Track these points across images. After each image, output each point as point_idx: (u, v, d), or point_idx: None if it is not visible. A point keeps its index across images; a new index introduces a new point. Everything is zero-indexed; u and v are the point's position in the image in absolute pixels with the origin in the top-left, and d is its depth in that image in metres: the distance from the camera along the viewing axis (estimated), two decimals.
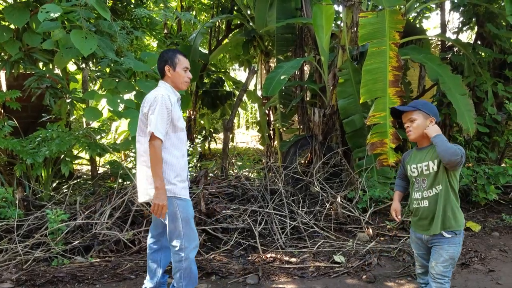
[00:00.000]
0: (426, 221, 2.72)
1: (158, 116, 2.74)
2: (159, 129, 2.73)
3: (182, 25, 8.73)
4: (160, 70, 2.98)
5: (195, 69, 6.87)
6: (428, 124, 2.69)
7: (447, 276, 2.68)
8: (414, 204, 2.81)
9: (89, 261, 3.92)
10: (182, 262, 2.88)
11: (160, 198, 2.72)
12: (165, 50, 3.11)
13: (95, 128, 5.44)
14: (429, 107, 2.73)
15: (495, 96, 6.03)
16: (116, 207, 4.48)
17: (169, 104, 2.80)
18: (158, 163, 2.73)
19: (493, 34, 6.13)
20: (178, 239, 2.87)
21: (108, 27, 4.32)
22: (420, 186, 2.74)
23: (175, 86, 2.99)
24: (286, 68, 5.57)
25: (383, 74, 4.70)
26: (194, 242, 2.93)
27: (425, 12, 7.99)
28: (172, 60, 2.92)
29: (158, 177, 2.72)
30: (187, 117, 8.75)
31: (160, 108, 2.75)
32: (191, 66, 6.61)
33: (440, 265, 2.66)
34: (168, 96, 2.82)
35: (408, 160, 2.86)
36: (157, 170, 2.72)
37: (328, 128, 5.84)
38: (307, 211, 4.94)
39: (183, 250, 2.87)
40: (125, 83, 4.46)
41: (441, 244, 2.67)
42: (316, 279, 3.67)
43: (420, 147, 2.78)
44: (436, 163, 2.64)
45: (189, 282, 2.93)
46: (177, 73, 2.94)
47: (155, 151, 2.73)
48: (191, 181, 5.17)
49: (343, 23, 5.58)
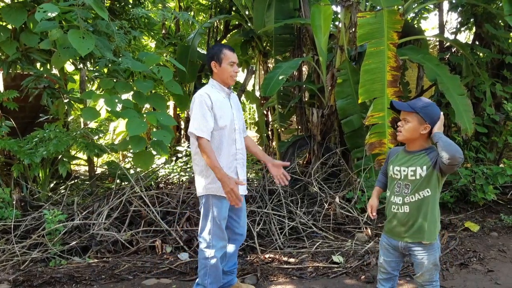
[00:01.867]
0: (404, 227, 2.57)
1: (198, 116, 2.82)
2: (201, 129, 2.80)
3: (180, 25, 8.72)
4: (208, 67, 3.04)
5: (193, 70, 6.87)
6: (421, 131, 2.50)
7: (435, 280, 2.63)
8: (393, 209, 2.63)
9: (86, 262, 3.92)
10: (209, 260, 2.93)
11: (227, 185, 2.73)
12: (211, 46, 3.17)
13: (93, 128, 5.43)
14: (428, 113, 2.50)
15: (493, 97, 6.02)
16: (114, 207, 4.47)
17: (209, 102, 2.85)
18: (210, 156, 2.77)
19: (491, 34, 6.12)
20: (207, 237, 2.93)
21: (106, 27, 4.31)
22: (402, 190, 2.57)
23: (223, 82, 3.02)
24: (284, 68, 5.56)
25: (382, 74, 4.69)
26: (222, 242, 2.97)
27: (423, 13, 7.98)
28: (218, 55, 2.96)
29: (216, 168, 2.76)
30: (185, 117, 8.74)
31: (198, 107, 2.83)
32: (189, 66, 6.69)
33: (426, 274, 2.60)
34: (207, 95, 2.87)
35: (393, 159, 2.68)
36: (212, 162, 2.76)
37: (326, 128, 5.84)
38: (305, 211, 4.93)
39: (210, 247, 2.92)
40: (122, 83, 4.45)
41: (421, 254, 2.57)
42: (314, 279, 3.66)
43: (409, 150, 2.60)
44: (425, 169, 2.48)
45: (213, 280, 2.97)
46: (223, 68, 2.97)
47: (203, 148, 2.79)
48: (189, 182, 5.17)
49: (341, 23, 5.57)
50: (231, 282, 3.29)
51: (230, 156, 2.99)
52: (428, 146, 2.56)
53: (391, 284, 2.84)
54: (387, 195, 2.71)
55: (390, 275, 2.79)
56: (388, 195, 2.70)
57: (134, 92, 4.59)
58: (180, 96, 6.58)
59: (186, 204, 4.57)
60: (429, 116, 2.48)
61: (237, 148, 3.04)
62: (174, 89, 4.55)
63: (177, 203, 4.55)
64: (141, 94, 4.49)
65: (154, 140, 4.32)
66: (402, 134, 2.55)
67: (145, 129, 4.00)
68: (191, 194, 4.68)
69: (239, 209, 3.12)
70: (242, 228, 3.23)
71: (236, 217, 3.17)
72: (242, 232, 3.25)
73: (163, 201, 4.64)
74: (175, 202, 4.57)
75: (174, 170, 5.92)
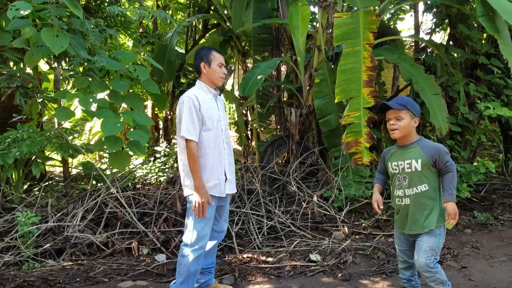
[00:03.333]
0: (406, 219, 2.75)
1: (187, 118, 2.87)
2: (189, 131, 2.86)
3: (158, 24, 8.63)
4: (197, 68, 3.08)
5: (171, 69, 6.81)
6: (413, 124, 2.72)
7: (432, 267, 2.71)
8: (396, 201, 2.82)
9: (61, 265, 3.84)
10: (184, 257, 2.95)
11: (202, 195, 2.84)
12: (200, 48, 3.22)
13: (67, 128, 5.32)
14: (415, 107, 2.75)
15: (467, 96, 6.15)
16: (89, 209, 4.40)
17: (197, 104, 2.90)
18: (195, 163, 2.86)
19: (465, 35, 6.26)
20: (188, 235, 2.95)
21: (81, 25, 4.23)
22: (402, 183, 2.76)
23: (211, 82, 3.07)
24: (262, 68, 5.57)
25: (358, 74, 4.74)
26: (201, 243, 2.96)
27: (399, 14, 8.12)
28: (207, 57, 3.02)
29: (197, 177, 2.86)
30: (163, 117, 8.66)
31: (187, 109, 2.88)
32: (166, 65, 6.63)
33: (421, 257, 2.70)
34: (195, 96, 2.92)
35: (389, 157, 2.86)
36: (195, 170, 2.86)
37: (304, 128, 5.87)
38: (284, 210, 4.95)
39: (188, 246, 2.94)
40: (98, 82, 4.38)
41: (421, 236, 2.73)
42: (292, 278, 3.67)
43: (402, 144, 2.78)
44: (420, 163, 2.66)
45: (185, 279, 2.96)
46: (212, 69, 3.03)
47: (190, 152, 2.86)
48: (167, 182, 5.13)
49: (318, 23, 5.62)
50: (208, 282, 3.28)
51: (218, 157, 3.02)
52: (417, 138, 2.78)
53: (411, 272, 2.98)
54: (391, 190, 2.89)
55: (408, 264, 2.92)
56: (391, 191, 2.89)
57: (110, 91, 4.52)
58: (158, 95, 6.52)
59: (164, 204, 4.53)
60: (416, 110, 2.73)
61: (225, 148, 3.08)
62: (151, 88, 4.50)
63: (154, 204, 4.50)
64: (117, 94, 4.42)
65: (130, 140, 4.26)
66: (400, 131, 2.73)
67: (121, 129, 3.95)
68: (169, 194, 4.64)
69: (223, 207, 3.18)
70: (221, 225, 3.24)
71: (217, 215, 3.19)
72: (221, 229, 3.25)
73: (140, 202, 4.59)
74: (152, 203, 4.52)
75: (152, 170, 5.86)
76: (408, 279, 3.00)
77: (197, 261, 2.96)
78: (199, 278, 3.21)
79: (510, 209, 5.58)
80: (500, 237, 4.63)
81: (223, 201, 3.15)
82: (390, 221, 5.02)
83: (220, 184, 3.01)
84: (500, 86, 6.37)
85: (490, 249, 4.28)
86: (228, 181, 3.07)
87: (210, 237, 3.17)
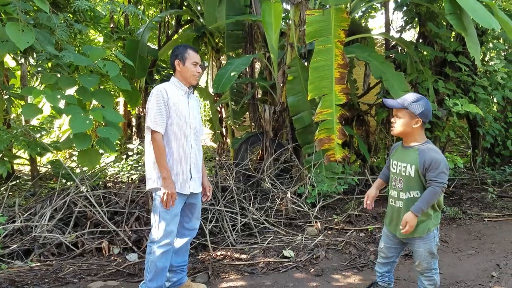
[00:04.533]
0: (397, 221, 2.70)
1: (154, 110, 2.86)
2: (156, 122, 2.85)
3: (129, 19, 8.48)
4: (172, 65, 3.08)
5: (143, 65, 6.71)
6: (413, 125, 2.62)
7: (433, 268, 2.77)
8: (390, 202, 2.78)
9: (28, 265, 3.74)
10: (151, 254, 2.92)
11: (168, 187, 2.83)
12: (177, 45, 3.19)
13: (35, 126, 5.17)
14: (418, 107, 2.61)
15: (436, 93, 6.28)
16: (58, 208, 4.30)
17: (165, 97, 2.90)
18: (161, 154, 2.85)
19: (434, 33, 6.40)
20: (154, 231, 2.92)
21: (47, 20, 4.11)
22: (397, 185, 2.71)
23: (185, 80, 3.07)
24: (236, 65, 5.55)
25: (330, 72, 4.78)
26: (167, 239, 2.92)
27: (370, 12, 8.22)
28: (182, 54, 3.02)
29: (163, 167, 2.84)
30: (136, 114, 8.53)
31: (155, 101, 2.88)
32: (138, 61, 6.52)
33: (423, 263, 2.73)
34: (164, 90, 2.92)
35: (393, 153, 2.82)
36: (161, 161, 2.85)
37: (278, 125, 5.89)
38: (258, 207, 4.96)
39: (155, 243, 2.91)
40: (66, 78, 4.26)
41: (417, 243, 2.71)
42: (265, 274, 3.68)
43: (405, 144, 2.73)
44: (413, 169, 2.60)
45: (153, 277, 2.93)
46: (186, 67, 3.03)
47: (156, 143, 2.86)
48: (139, 180, 5.06)
49: (291, 21, 5.63)
50: (181, 281, 3.25)
51: (184, 153, 2.99)
52: (421, 142, 2.68)
53: (388, 268, 3.00)
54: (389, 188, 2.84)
55: (389, 260, 2.94)
56: (388, 188, 2.85)
57: (78, 87, 4.41)
58: (129, 92, 6.41)
59: (135, 203, 4.46)
60: (419, 110, 2.61)
61: (192, 146, 3.05)
62: (121, 84, 4.42)
63: (125, 203, 4.43)
64: (86, 90, 4.32)
65: (100, 137, 4.17)
66: (396, 129, 2.70)
67: (90, 126, 3.86)
68: (141, 193, 4.57)
69: (194, 205, 3.15)
70: (193, 223, 3.21)
71: (189, 212, 3.16)
72: (193, 227, 3.22)
73: (110, 200, 4.50)
74: (123, 202, 4.44)
75: (124, 168, 5.77)
76: (382, 274, 3.03)
77: (165, 257, 2.93)
78: (171, 276, 3.18)
79: (478, 203, 5.74)
80: (468, 231, 4.76)
81: (193, 199, 3.12)
82: (361, 216, 5.10)
83: (183, 181, 2.97)
84: (468, 83, 6.55)
85: (458, 243, 4.39)
86: (192, 180, 3.04)
87: (181, 235, 3.15)
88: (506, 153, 7.34)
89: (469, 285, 3.44)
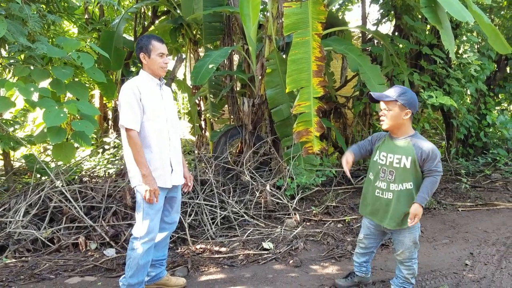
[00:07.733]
0: (385, 213, 2.73)
1: (126, 107, 2.79)
2: (129, 120, 2.78)
3: (104, 10, 8.29)
4: (138, 58, 2.98)
5: (119, 57, 6.57)
6: (403, 116, 2.64)
7: (414, 258, 2.84)
8: (376, 193, 2.77)
9: (3, 262, 3.67)
10: (133, 251, 2.89)
11: (149, 184, 2.79)
12: (140, 37, 3.07)
13: (8, 119, 5.03)
14: (407, 98, 2.65)
15: (411, 85, 6.39)
16: (33, 204, 4.21)
17: (137, 92, 2.82)
18: (138, 151, 2.80)
19: (410, 26, 6.49)
20: (138, 227, 2.89)
21: (19, 11, 3.98)
22: (386, 176, 2.70)
23: (153, 73, 2.98)
24: (214, 57, 5.50)
25: (307, 65, 4.79)
26: (150, 235, 2.90)
27: (347, 4, 8.26)
28: (146, 47, 2.93)
29: (142, 164, 2.80)
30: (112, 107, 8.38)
31: (126, 99, 2.80)
32: (114, 53, 6.39)
33: (406, 252, 2.79)
34: (136, 86, 2.83)
35: (380, 145, 2.80)
36: (139, 158, 2.79)
37: (257, 117, 5.89)
38: (237, 200, 4.97)
39: (138, 239, 2.88)
40: (39, 70, 4.14)
41: (403, 233, 2.77)
42: (245, 267, 3.70)
43: (394, 136, 2.73)
44: (410, 160, 2.61)
45: (134, 273, 2.91)
46: (152, 59, 2.93)
47: (132, 141, 2.79)
48: (116, 174, 4.98)
49: (269, 13, 5.61)
50: (160, 275, 3.24)
51: (162, 147, 2.95)
52: (412, 133, 2.72)
53: (366, 258, 3.06)
54: (371, 178, 2.82)
55: (368, 251, 2.99)
56: (372, 179, 2.82)
57: (52, 80, 4.30)
58: (105, 84, 6.30)
59: (113, 198, 4.40)
60: (408, 102, 2.64)
61: (170, 139, 3.00)
62: (96, 76, 4.31)
63: (102, 197, 4.37)
64: (60, 82, 4.20)
65: (75, 131, 4.08)
66: (386, 123, 2.69)
67: (64, 119, 3.76)
68: (118, 187, 4.52)
69: (174, 198, 3.13)
70: (172, 216, 3.19)
71: (169, 206, 3.15)
72: (173, 221, 3.21)
73: (87, 195, 4.43)
74: (100, 196, 4.38)
75: (100, 162, 5.67)
76: (360, 264, 3.09)
77: (147, 254, 2.91)
78: (150, 271, 3.16)
79: (452, 193, 5.89)
80: (443, 220, 4.89)
81: (173, 192, 3.10)
82: (339, 207, 5.17)
83: (165, 175, 2.95)
84: (443, 75, 6.68)
85: (433, 232, 4.50)
86: (174, 172, 3.02)
87: (161, 229, 3.12)
88: (479, 144, 7.54)
89: (444, 273, 3.53)
